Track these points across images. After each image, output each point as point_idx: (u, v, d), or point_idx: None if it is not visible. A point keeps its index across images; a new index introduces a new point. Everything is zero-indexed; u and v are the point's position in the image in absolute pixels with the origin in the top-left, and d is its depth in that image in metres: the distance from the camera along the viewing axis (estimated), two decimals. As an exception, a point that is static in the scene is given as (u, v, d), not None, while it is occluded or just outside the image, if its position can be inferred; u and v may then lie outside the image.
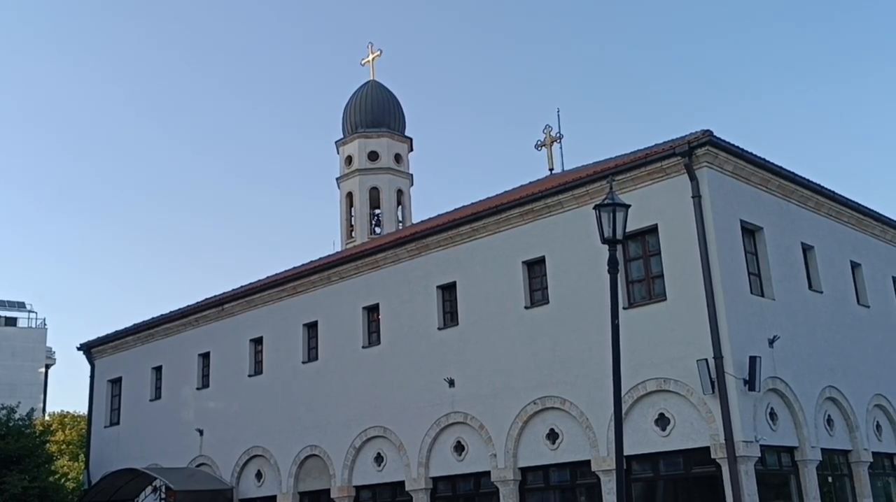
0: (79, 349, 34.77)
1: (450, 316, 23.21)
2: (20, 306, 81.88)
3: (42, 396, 77.41)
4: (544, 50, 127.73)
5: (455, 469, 22.34)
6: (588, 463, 19.80)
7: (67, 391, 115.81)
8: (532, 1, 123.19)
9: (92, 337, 34.57)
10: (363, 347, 24.86)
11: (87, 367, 34.64)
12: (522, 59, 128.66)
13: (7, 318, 80.00)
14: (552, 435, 20.57)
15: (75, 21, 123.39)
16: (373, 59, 42.73)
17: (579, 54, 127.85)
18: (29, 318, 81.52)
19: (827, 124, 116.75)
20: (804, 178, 21.44)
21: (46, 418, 62.72)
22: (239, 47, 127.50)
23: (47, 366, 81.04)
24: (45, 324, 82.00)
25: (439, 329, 23.14)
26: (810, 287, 21.35)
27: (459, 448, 22.29)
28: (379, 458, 23.99)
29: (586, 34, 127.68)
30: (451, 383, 22.40)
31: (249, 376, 27.89)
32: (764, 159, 20.17)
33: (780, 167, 20.69)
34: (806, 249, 21.64)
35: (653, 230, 19.52)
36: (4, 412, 32.37)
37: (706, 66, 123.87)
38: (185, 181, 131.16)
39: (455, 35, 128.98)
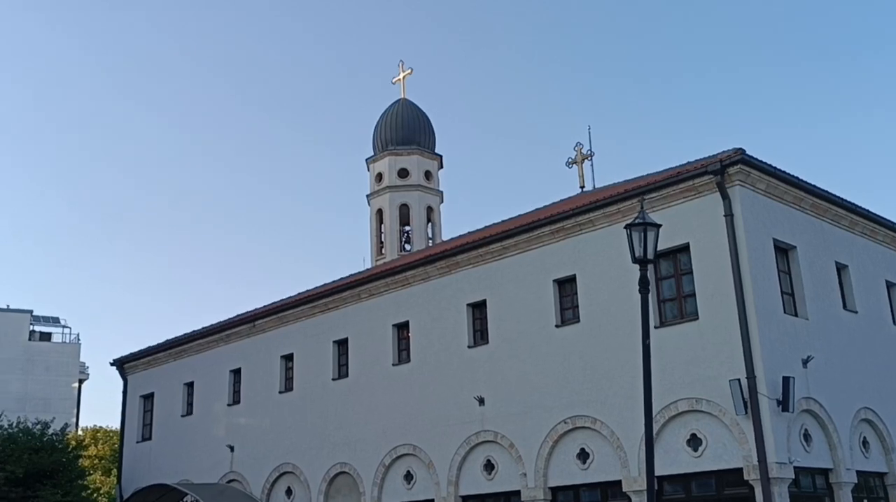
0: (112, 364, 35.08)
1: (480, 334, 23.19)
2: (54, 321, 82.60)
3: (75, 411, 77.99)
4: (575, 67, 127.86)
5: (485, 488, 22.26)
6: (619, 483, 19.67)
7: (100, 406, 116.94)
8: (563, 19, 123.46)
9: (125, 352, 34.96)
10: (393, 365, 24.90)
11: (120, 383, 35.01)
12: (553, 76, 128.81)
13: (41, 333, 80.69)
14: (583, 455, 20.45)
15: (108, 35, 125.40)
16: (403, 77, 43.06)
17: (611, 72, 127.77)
18: (63, 333, 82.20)
19: (861, 143, 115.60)
20: (837, 197, 21.25)
21: (79, 433, 63.32)
22: (272, 66, 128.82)
23: (80, 381, 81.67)
24: (78, 340, 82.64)
25: (469, 347, 23.13)
26: (845, 306, 21.12)
27: (489, 466, 22.22)
28: (408, 476, 23.96)
29: (618, 52, 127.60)
30: (482, 401, 22.36)
31: (280, 393, 28.02)
32: (797, 177, 20.02)
33: (814, 185, 20.52)
34: (840, 268, 21.41)
35: (685, 249, 19.42)
36: (38, 427, 32.86)
37: (739, 83, 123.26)
38: (218, 198, 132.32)
39: (486, 53, 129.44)
